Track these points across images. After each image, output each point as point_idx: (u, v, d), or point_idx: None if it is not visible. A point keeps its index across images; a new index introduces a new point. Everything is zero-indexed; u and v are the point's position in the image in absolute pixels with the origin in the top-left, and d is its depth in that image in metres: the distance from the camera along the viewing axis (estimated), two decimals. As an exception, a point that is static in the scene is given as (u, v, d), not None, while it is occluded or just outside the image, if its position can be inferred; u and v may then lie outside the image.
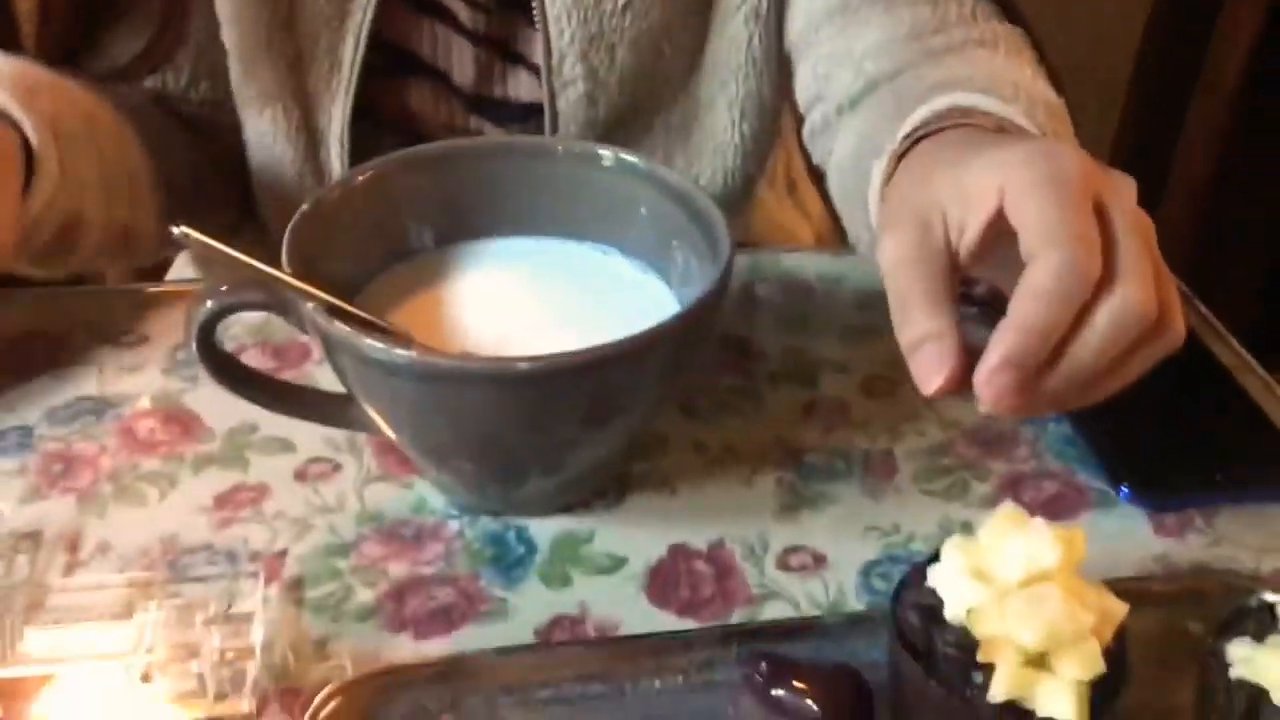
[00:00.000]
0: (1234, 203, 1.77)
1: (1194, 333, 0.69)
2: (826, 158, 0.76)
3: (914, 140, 0.56)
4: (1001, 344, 0.43)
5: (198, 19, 0.73)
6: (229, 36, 0.74)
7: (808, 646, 0.50)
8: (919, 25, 0.72)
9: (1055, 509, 0.59)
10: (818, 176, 0.80)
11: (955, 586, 0.44)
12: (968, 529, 0.58)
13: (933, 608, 0.45)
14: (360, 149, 0.75)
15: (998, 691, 0.42)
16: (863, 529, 0.58)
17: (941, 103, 0.58)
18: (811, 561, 0.56)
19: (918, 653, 0.44)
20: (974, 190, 0.46)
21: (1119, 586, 0.53)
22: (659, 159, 0.80)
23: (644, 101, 0.78)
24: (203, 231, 0.50)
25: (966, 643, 0.43)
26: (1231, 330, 0.72)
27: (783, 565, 0.56)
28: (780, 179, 0.93)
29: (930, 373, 0.44)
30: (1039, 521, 0.45)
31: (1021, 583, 0.44)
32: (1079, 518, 0.59)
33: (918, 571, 0.46)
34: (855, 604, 0.54)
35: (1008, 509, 0.46)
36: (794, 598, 0.55)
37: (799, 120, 0.81)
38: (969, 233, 0.46)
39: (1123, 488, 0.60)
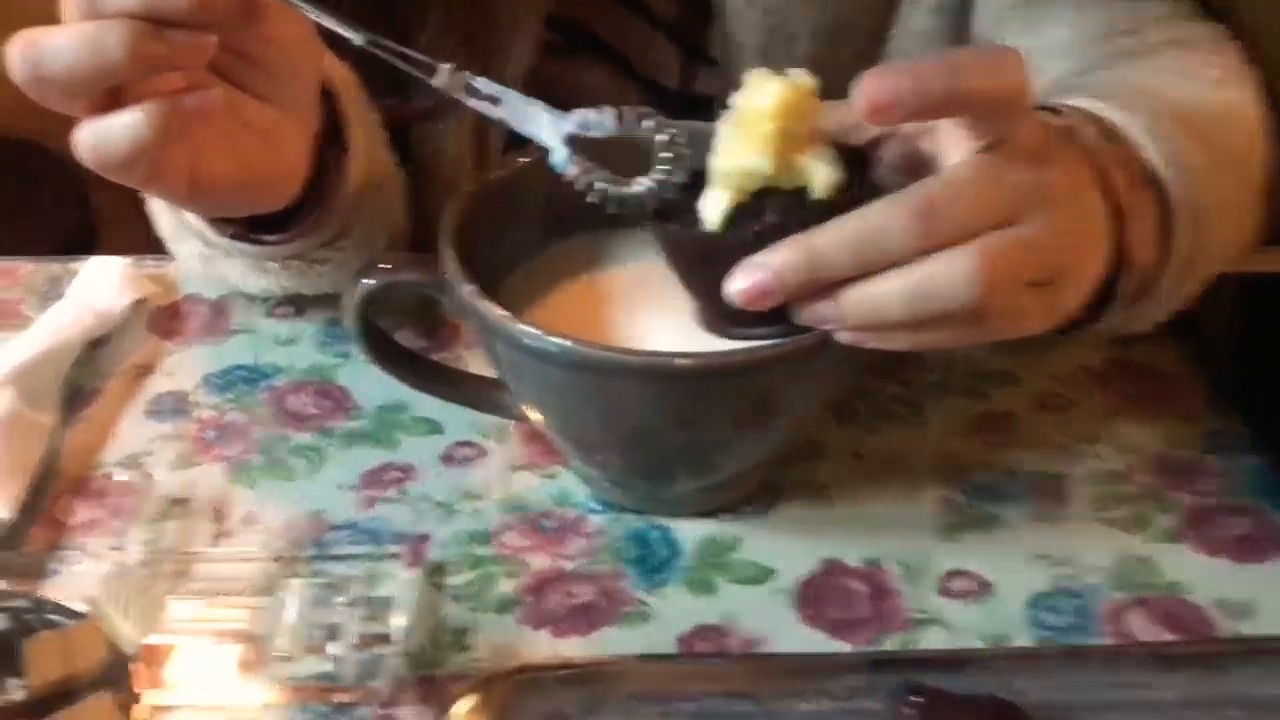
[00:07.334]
0: None
1: None
2: None
3: None
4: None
5: None
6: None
7: (967, 681, 0.47)
8: (1111, 25, 0.67)
9: (1242, 550, 0.55)
10: None
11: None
12: (1147, 565, 0.54)
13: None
14: None
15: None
16: (1032, 556, 0.55)
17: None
18: (975, 588, 0.53)
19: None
20: None
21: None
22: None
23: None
24: None
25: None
26: None
27: (944, 590, 0.53)
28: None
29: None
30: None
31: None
32: (1270, 563, 0.54)
33: None
34: (1021, 638, 0.51)
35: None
36: (954, 625, 0.52)
37: None
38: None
39: (1323, 532, 0.55)
